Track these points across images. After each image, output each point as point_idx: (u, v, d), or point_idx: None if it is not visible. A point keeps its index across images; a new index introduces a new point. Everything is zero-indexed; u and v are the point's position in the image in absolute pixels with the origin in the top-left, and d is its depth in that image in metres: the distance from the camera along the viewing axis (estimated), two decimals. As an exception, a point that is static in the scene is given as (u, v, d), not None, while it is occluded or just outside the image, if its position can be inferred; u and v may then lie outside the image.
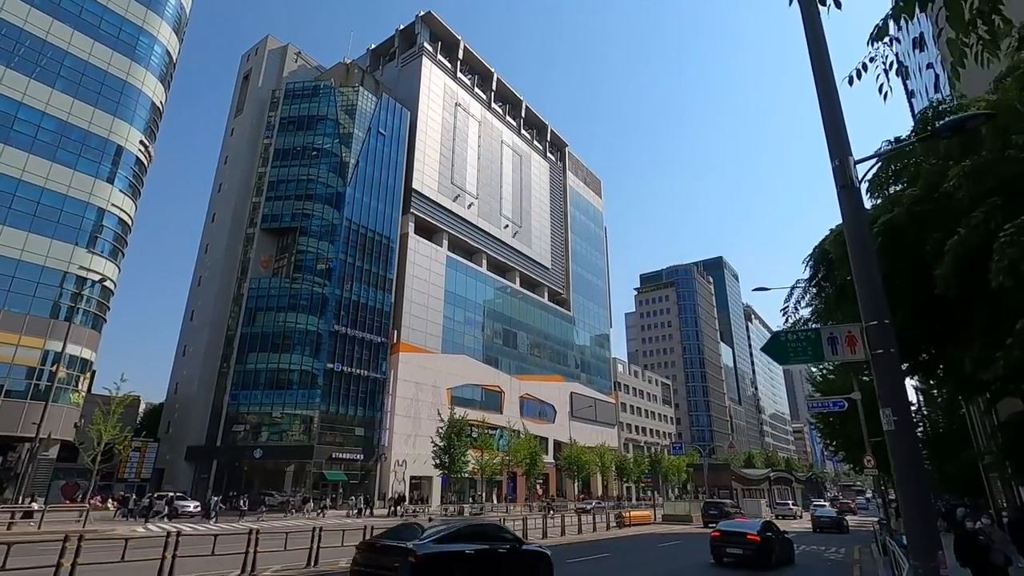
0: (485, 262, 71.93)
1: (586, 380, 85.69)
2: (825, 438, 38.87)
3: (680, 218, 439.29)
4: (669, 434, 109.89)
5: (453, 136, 69.98)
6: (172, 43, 48.77)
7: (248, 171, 58.83)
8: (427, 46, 68.87)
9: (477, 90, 76.93)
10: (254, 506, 39.62)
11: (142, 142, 44.95)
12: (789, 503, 59.15)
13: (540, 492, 62.03)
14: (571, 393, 79.48)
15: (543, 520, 27.88)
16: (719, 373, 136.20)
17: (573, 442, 67.56)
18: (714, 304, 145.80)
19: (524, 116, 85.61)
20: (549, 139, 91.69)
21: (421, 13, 69.58)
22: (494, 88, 79.58)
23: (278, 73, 64.13)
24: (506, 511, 47.20)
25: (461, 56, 73.73)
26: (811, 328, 7.76)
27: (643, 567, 17.75)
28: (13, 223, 36.93)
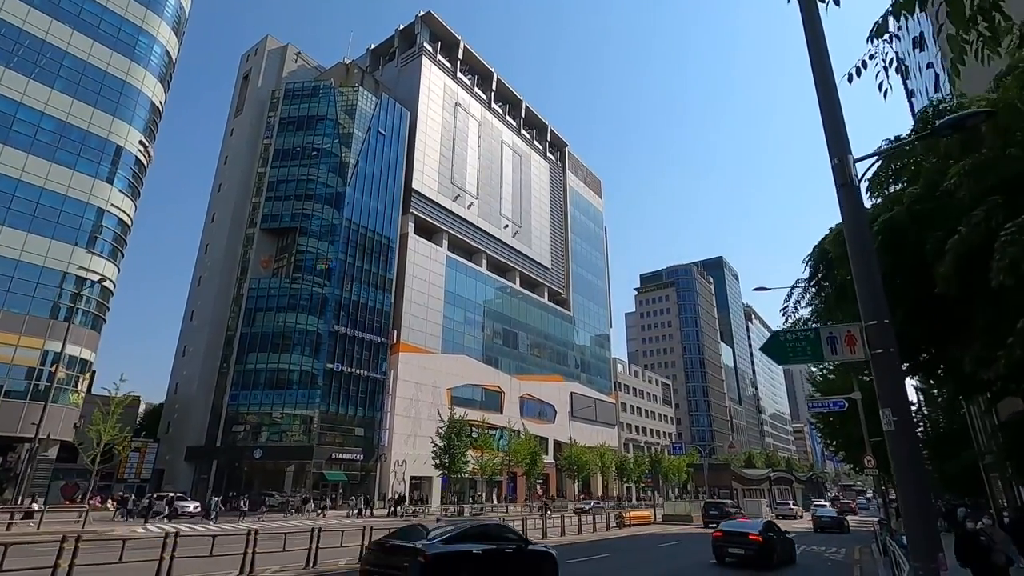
0: (485, 262, 71.91)
1: (586, 380, 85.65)
2: (825, 438, 38.85)
3: (680, 218, 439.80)
4: (669, 434, 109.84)
5: (453, 136, 69.97)
6: (172, 43, 48.77)
7: (248, 171, 58.85)
8: (427, 46, 68.87)
9: (477, 90, 76.92)
10: (254, 506, 39.63)
11: (141, 142, 44.96)
12: (789, 503, 59.11)
13: (540, 492, 61.95)
14: (571, 393, 79.45)
15: (542, 521, 27.82)
16: (719, 373, 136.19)
17: (573, 442, 67.52)
18: (714, 304, 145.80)
19: (524, 116, 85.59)
20: (549, 139, 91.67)
21: (421, 13, 69.58)
22: (494, 88, 79.57)
23: (278, 73, 64.14)
24: (506, 511, 47.14)
25: (461, 56, 73.73)
26: (810, 328, 7.71)
27: (643, 567, 17.73)
28: (12, 223, 36.93)
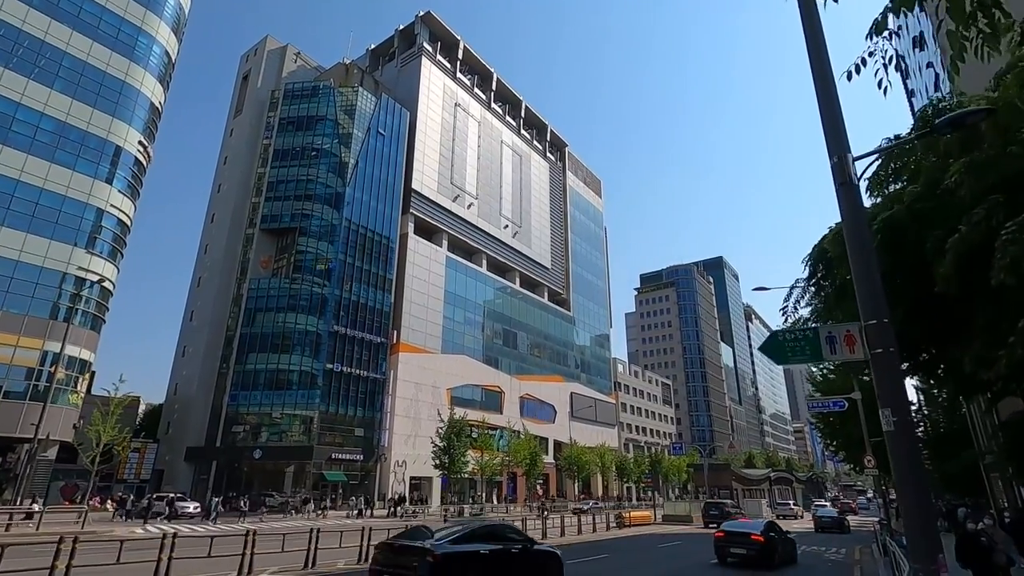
0: (485, 262, 71.88)
1: (586, 380, 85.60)
2: (825, 438, 38.86)
3: (680, 218, 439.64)
4: (669, 434, 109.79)
5: (453, 136, 69.94)
6: (171, 43, 48.75)
7: (247, 171, 58.82)
8: (427, 46, 68.85)
9: (477, 90, 76.89)
10: (254, 507, 39.58)
11: (141, 142, 44.93)
12: (790, 503, 59.09)
13: (540, 492, 61.92)
14: (571, 393, 79.41)
15: (542, 521, 27.78)
16: (719, 373, 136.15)
17: (573, 442, 67.51)
18: (714, 304, 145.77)
19: (524, 116, 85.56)
20: (549, 139, 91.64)
21: (421, 13, 69.56)
22: (494, 88, 79.53)
23: (277, 73, 64.11)
24: (506, 511, 47.11)
25: (461, 56, 73.70)
26: (809, 327, 7.68)
27: (643, 567, 17.69)
28: (12, 224, 36.88)
